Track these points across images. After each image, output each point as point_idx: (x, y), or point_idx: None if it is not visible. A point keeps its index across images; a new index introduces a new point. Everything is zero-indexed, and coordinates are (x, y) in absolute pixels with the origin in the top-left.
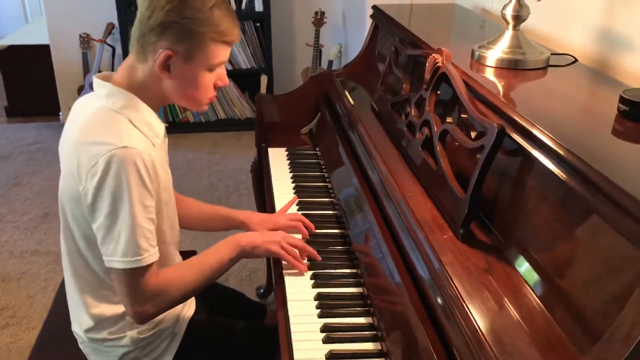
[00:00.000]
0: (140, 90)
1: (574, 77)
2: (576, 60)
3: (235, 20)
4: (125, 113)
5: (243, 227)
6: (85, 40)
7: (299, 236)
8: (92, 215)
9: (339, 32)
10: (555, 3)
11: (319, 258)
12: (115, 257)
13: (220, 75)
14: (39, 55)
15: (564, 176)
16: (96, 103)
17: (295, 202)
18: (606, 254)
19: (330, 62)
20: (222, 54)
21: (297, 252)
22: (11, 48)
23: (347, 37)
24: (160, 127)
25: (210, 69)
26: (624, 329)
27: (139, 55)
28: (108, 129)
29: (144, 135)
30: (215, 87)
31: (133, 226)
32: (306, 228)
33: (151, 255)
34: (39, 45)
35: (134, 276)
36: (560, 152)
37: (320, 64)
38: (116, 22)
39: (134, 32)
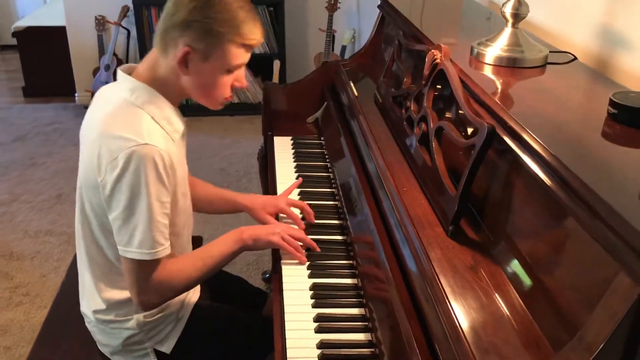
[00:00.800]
0: (162, 84)
1: (570, 76)
2: (575, 58)
3: (259, 25)
4: (146, 109)
5: (246, 210)
6: (101, 23)
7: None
8: (109, 206)
9: (353, 17)
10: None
11: (318, 249)
12: (131, 248)
13: (238, 77)
14: (55, 36)
15: (547, 179)
16: (119, 96)
17: (297, 192)
18: (582, 257)
19: (344, 48)
20: (241, 56)
21: (298, 243)
22: (29, 29)
23: (361, 23)
24: (179, 122)
25: (229, 70)
26: (593, 332)
27: (162, 50)
28: (130, 124)
29: (164, 130)
30: (232, 88)
31: (150, 220)
32: (305, 219)
33: (165, 249)
34: (56, 26)
35: (145, 267)
36: (544, 154)
37: (333, 50)
38: (131, 5)
39: (159, 26)
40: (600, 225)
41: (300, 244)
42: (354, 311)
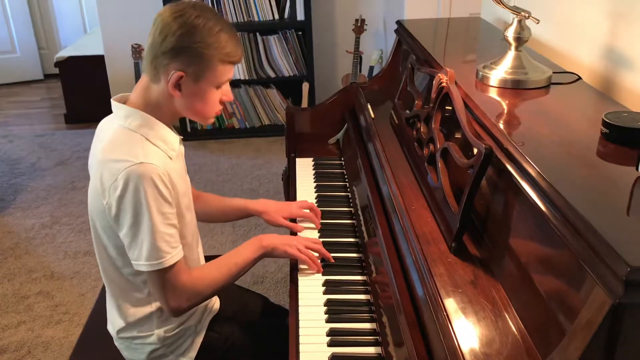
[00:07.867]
0: (155, 108)
1: (572, 96)
2: (579, 78)
3: (239, 42)
4: (141, 131)
5: (258, 215)
6: (137, 51)
7: (314, 234)
8: (117, 226)
9: (380, 38)
10: (564, 19)
11: (332, 260)
12: (141, 261)
13: (225, 91)
14: (95, 65)
15: (537, 197)
16: (115, 124)
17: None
18: (570, 272)
19: (371, 68)
20: (228, 72)
21: (312, 253)
22: (70, 59)
23: (388, 43)
24: (175, 140)
25: (217, 87)
26: (572, 343)
27: (152, 76)
28: (126, 147)
29: (160, 149)
30: (221, 102)
31: (153, 233)
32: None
33: (173, 256)
34: (95, 55)
35: (162, 275)
36: (533, 173)
37: (360, 70)
38: None
39: (147, 55)
40: (580, 241)
41: (317, 254)
42: (366, 326)
